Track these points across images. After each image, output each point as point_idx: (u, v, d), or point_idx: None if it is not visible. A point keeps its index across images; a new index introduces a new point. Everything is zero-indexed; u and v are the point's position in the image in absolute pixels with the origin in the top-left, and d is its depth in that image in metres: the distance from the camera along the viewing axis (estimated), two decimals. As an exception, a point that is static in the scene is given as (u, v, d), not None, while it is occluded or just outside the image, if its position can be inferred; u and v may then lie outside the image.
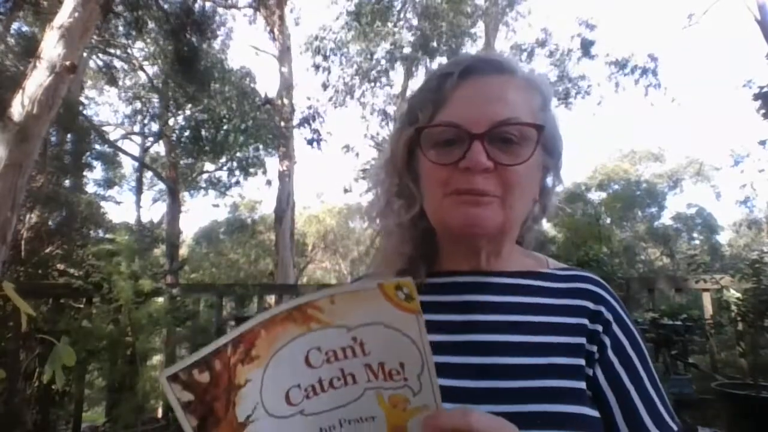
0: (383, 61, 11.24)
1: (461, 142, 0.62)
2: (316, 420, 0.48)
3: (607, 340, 0.63)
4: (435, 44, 10.56)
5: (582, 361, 0.62)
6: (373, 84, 11.57)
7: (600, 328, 0.64)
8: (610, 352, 0.63)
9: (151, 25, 8.78)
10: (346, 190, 13.11)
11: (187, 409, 0.43)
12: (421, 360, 0.47)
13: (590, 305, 0.66)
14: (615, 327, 0.65)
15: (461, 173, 0.62)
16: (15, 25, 8.01)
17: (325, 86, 11.50)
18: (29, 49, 6.25)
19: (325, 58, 11.20)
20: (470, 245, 0.68)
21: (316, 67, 11.32)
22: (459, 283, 0.69)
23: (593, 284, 0.69)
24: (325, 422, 0.49)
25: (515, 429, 0.48)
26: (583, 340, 0.63)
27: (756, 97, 6.45)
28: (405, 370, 0.47)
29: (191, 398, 0.43)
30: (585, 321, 0.64)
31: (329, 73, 11.42)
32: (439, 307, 0.68)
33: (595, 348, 0.63)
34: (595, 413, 0.60)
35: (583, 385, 0.60)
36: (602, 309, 0.65)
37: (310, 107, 10.75)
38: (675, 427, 0.62)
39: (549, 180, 0.72)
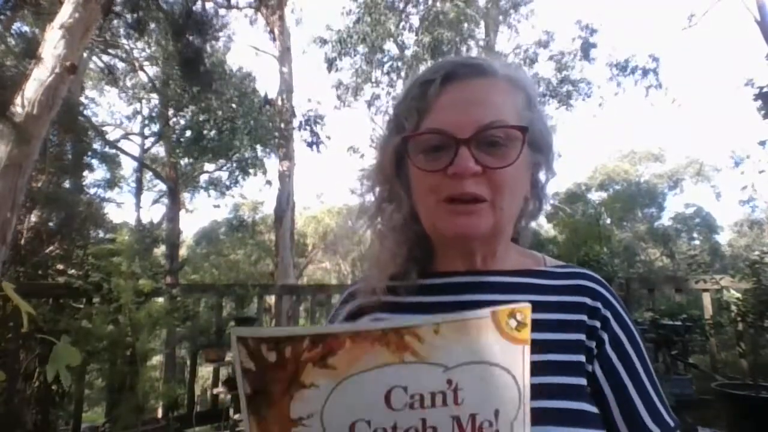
0: (390, 61, 11.26)
1: (448, 148, 0.63)
2: None
3: (605, 336, 0.64)
4: (438, 46, 10.57)
5: (582, 358, 0.62)
6: (378, 85, 11.59)
7: (598, 324, 0.64)
8: (608, 347, 0.64)
9: (152, 26, 8.79)
10: (352, 192, 13.18)
11: (245, 376, 0.42)
12: (518, 401, 0.44)
13: (588, 301, 0.66)
14: (613, 323, 0.65)
15: (450, 179, 0.63)
16: (15, 25, 8.01)
17: (338, 85, 11.52)
18: (29, 49, 6.26)
19: (340, 54, 11.20)
20: (464, 248, 0.69)
21: (329, 63, 11.31)
22: (456, 284, 0.70)
23: (591, 281, 0.69)
24: None
25: None
26: (582, 336, 0.63)
27: (756, 97, 6.45)
28: (498, 419, 0.43)
29: (252, 368, 0.41)
30: (584, 317, 0.65)
31: (338, 70, 11.42)
32: (437, 308, 0.68)
33: (594, 344, 0.63)
34: (595, 409, 0.60)
35: (583, 381, 0.61)
36: (599, 305, 0.66)
37: (311, 110, 10.78)
38: (672, 423, 0.63)
39: (541, 175, 0.73)
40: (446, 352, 0.42)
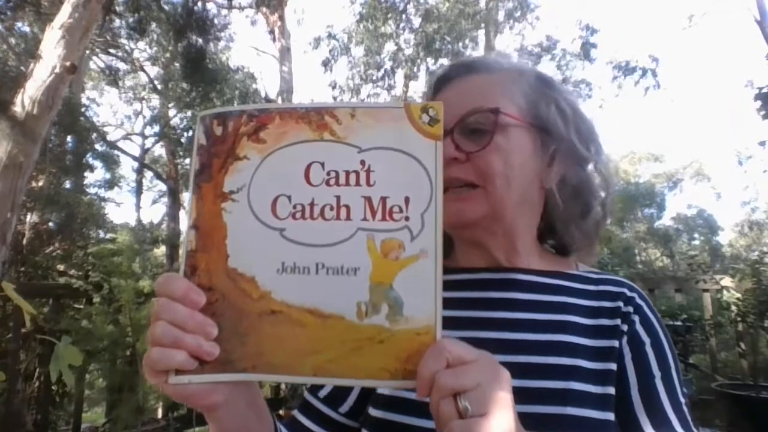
0: (388, 61, 11.25)
1: None
2: (293, 251, 0.45)
3: (625, 335, 0.63)
4: (437, 46, 10.56)
5: (614, 366, 0.60)
6: (376, 85, 11.58)
7: (626, 327, 0.63)
8: (624, 344, 0.62)
9: (153, 26, 8.79)
10: None
11: (198, 151, 0.47)
12: (430, 194, 0.45)
13: (622, 306, 0.65)
14: (638, 326, 0.64)
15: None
16: (16, 25, 8.01)
17: (333, 86, 11.52)
18: (30, 49, 6.26)
19: (333, 56, 11.22)
20: (471, 239, 0.68)
21: (324, 64, 11.32)
22: (483, 280, 0.68)
23: (625, 287, 0.68)
24: (301, 259, 0.44)
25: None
26: (615, 342, 0.62)
27: (756, 97, 6.44)
28: (409, 206, 0.44)
29: (204, 142, 0.47)
30: (617, 322, 0.63)
31: (331, 71, 11.42)
32: (462, 304, 0.66)
33: (616, 342, 0.62)
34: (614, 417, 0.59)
35: (612, 390, 0.59)
36: (631, 309, 0.65)
37: None
38: None
39: (576, 170, 0.68)
40: (361, 135, 0.45)
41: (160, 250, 11.83)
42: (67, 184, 7.61)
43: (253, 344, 0.44)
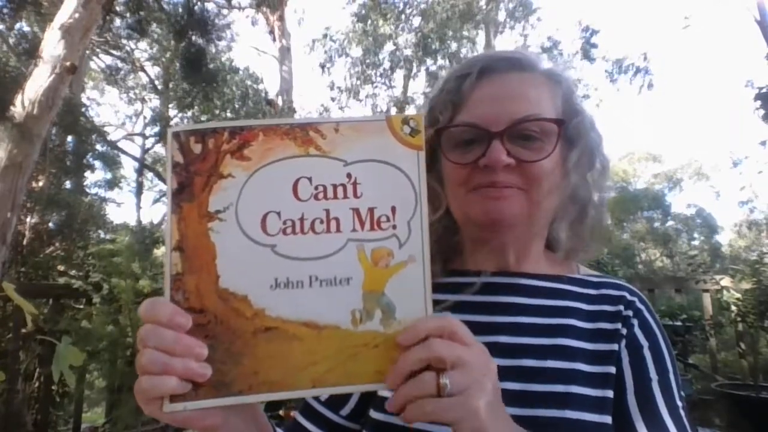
0: (386, 61, 11.27)
1: (481, 141, 0.62)
2: (285, 266, 0.45)
3: (624, 339, 0.63)
4: (436, 46, 10.57)
5: (613, 369, 0.60)
6: (375, 85, 11.59)
7: (625, 331, 0.63)
8: (623, 348, 0.62)
9: (153, 26, 8.79)
10: None
11: (174, 170, 0.46)
12: (414, 202, 0.46)
13: (622, 310, 0.65)
14: (637, 329, 0.64)
15: (482, 171, 0.62)
16: (17, 25, 8.00)
17: (332, 87, 11.52)
18: (30, 49, 6.26)
19: (330, 58, 11.25)
20: (496, 242, 0.67)
21: (322, 66, 11.35)
22: (487, 284, 0.68)
23: (625, 291, 0.68)
24: (294, 274, 0.45)
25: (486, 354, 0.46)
26: (615, 346, 0.62)
27: (756, 97, 6.44)
28: (396, 215, 0.46)
29: (180, 161, 0.46)
30: (618, 326, 0.64)
31: (329, 73, 11.44)
32: (466, 308, 0.67)
33: (616, 345, 0.62)
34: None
35: (610, 393, 0.59)
36: (631, 313, 0.65)
37: (318, 110, 10.81)
38: None
39: (587, 177, 0.69)
40: (346, 148, 0.46)
41: (160, 250, 11.82)
42: (68, 185, 7.61)
43: (248, 364, 0.44)
